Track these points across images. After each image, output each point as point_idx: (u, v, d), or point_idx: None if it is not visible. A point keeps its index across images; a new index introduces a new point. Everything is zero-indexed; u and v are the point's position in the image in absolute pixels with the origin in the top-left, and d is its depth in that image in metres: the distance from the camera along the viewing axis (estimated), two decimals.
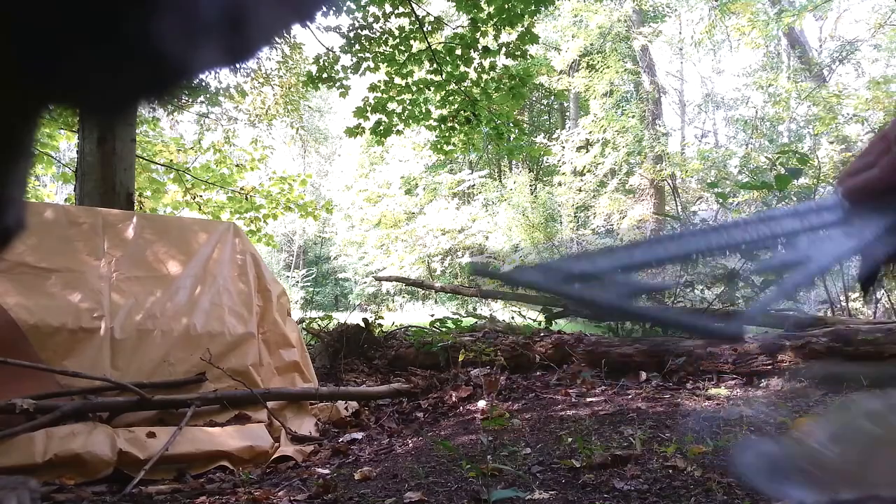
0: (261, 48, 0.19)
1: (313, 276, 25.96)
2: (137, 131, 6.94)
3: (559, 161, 20.32)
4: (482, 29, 7.22)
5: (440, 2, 12.85)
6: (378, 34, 7.54)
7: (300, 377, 3.69)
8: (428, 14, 7.86)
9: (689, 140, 20.83)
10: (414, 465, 2.53)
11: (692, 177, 17.95)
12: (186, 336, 3.37)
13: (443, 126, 8.01)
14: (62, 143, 8.56)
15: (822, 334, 3.59)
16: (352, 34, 7.54)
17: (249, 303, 3.68)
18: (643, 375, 3.86)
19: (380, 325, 5.57)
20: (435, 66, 7.48)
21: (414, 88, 7.76)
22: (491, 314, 8.15)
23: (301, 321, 5.89)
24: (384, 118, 7.98)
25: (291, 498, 2.31)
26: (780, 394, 3.24)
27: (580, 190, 19.41)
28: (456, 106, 7.81)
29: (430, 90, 7.78)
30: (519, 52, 7.45)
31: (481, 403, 3.57)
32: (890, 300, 5.24)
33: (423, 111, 8.02)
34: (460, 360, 4.25)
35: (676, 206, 15.72)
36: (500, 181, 22.57)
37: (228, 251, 3.83)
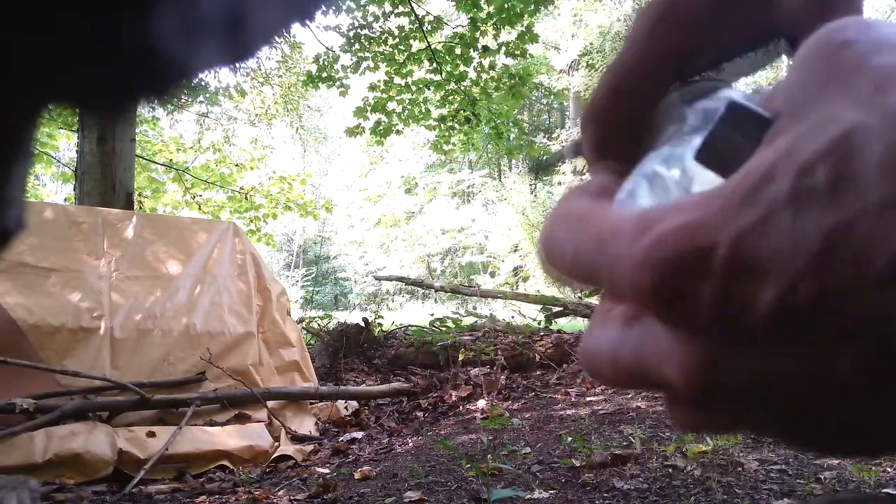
0: (261, 48, 0.19)
1: (313, 275, 25.97)
2: (137, 131, 6.95)
3: (559, 160, 20.31)
4: (482, 28, 7.22)
5: (440, 1, 12.85)
6: (378, 33, 7.54)
7: (300, 376, 3.70)
8: (428, 13, 7.86)
9: None
10: (414, 465, 2.53)
11: None
12: (186, 335, 3.37)
13: (442, 125, 8.01)
14: (62, 143, 8.56)
15: None
16: (351, 33, 7.55)
17: (249, 302, 3.68)
18: None
19: (380, 325, 5.57)
20: (435, 65, 7.48)
21: (413, 88, 7.76)
22: (491, 313, 8.16)
23: (301, 320, 5.90)
24: (384, 118, 7.98)
25: (291, 497, 2.31)
26: None
27: None
28: (456, 105, 7.81)
29: (429, 90, 7.78)
30: (519, 52, 7.45)
31: (481, 403, 3.57)
32: None
33: (423, 111, 8.02)
34: (460, 359, 4.25)
35: None
36: (500, 181, 22.58)
37: (228, 251, 3.83)
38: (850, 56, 0.18)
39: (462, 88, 7.63)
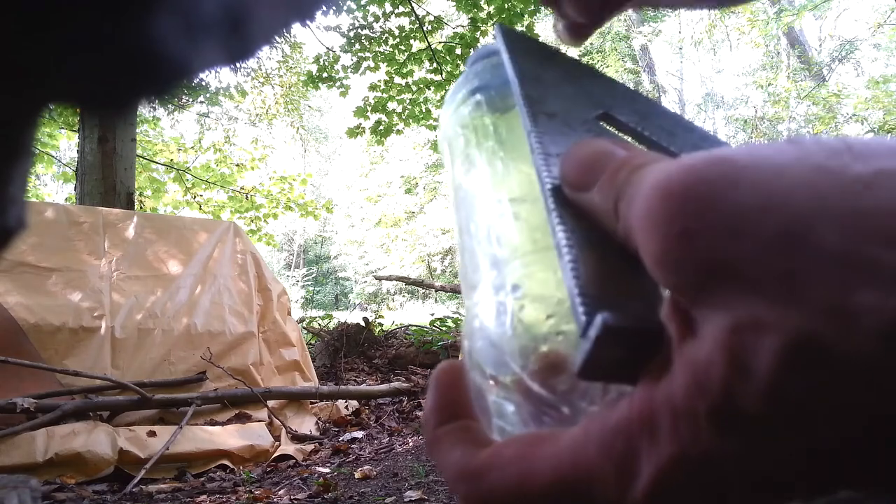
0: (261, 47, 0.19)
1: (313, 275, 25.97)
2: (138, 131, 6.95)
3: None
4: (482, 28, 7.22)
5: (440, 1, 12.86)
6: (378, 34, 7.54)
7: (300, 376, 3.70)
8: (428, 13, 7.86)
9: None
10: (414, 464, 2.53)
11: None
12: (187, 335, 3.37)
13: None
14: (63, 143, 8.56)
15: None
16: (352, 34, 7.54)
17: (250, 302, 3.69)
18: None
19: (380, 325, 5.57)
20: (435, 65, 7.47)
21: (414, 88, 7.76)
22: None
23: (301, 320, 5.90)
24: (384, 118, 7.98)
25: (292, 497, 2.31)
26: None
27: None
28: None
29: (430, 90, 7.78)
30: None
31: None
32: None
33: (424, 111, 8.02)
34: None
35: None
36: None
37: (229, 250, 3.83)
38: (723, 233, 0.14)
39: None
